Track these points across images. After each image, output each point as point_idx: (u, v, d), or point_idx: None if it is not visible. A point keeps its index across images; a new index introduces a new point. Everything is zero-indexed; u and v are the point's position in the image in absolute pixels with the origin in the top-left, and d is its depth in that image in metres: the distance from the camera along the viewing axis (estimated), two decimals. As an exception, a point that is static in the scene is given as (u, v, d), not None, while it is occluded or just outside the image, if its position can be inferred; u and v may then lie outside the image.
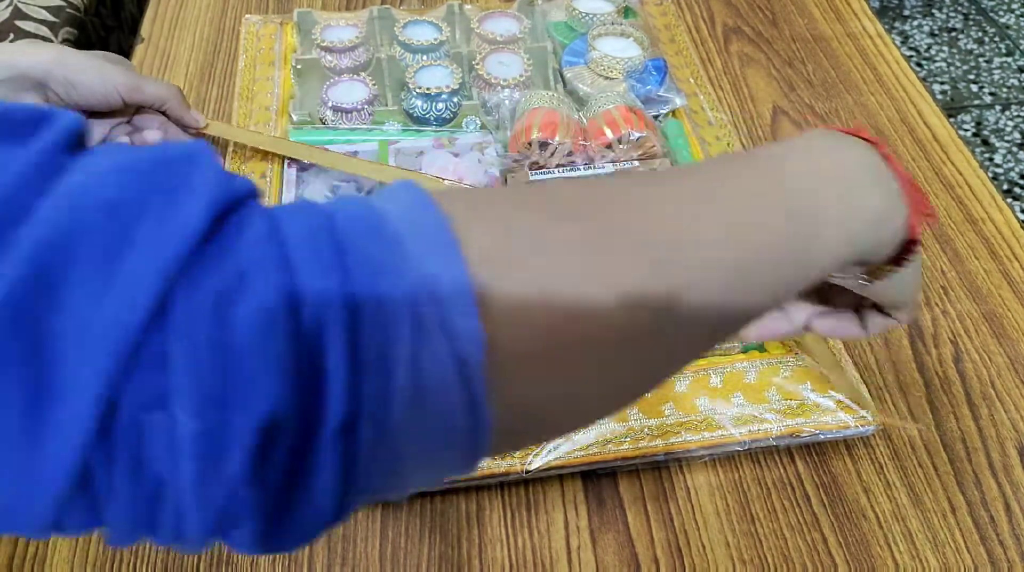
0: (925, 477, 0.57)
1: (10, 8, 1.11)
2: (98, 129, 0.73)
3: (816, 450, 0.58)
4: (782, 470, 0.57)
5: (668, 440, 0.55)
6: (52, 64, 0.66)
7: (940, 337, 0.65)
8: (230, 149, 0.76)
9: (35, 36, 1.09)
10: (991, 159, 1.89)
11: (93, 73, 0.67)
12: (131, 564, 0.53)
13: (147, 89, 0.71)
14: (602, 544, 0.53)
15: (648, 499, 0.56)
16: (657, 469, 0.57)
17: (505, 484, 0.56)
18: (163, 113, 0.74)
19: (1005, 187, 1.83)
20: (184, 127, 0.76)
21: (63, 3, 1.14)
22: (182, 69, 0.88)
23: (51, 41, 1.09)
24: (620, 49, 0.81)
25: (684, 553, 0.53)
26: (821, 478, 0.57)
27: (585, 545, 0.53)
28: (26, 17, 1.11)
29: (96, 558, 0.53)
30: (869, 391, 0.61)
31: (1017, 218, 0.73)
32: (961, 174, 0.77)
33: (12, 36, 1.08)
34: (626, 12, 0.88)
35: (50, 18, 1.12)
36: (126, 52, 0.92)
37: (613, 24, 0.82)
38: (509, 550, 0.53)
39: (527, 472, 0.54)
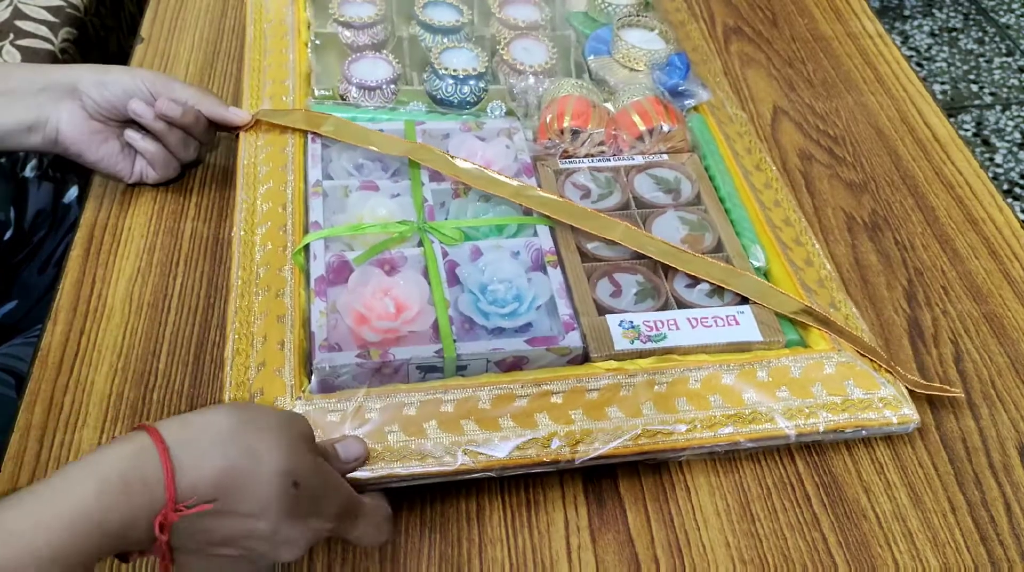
0: (925, 477, 0.57)
1: (10, 8, 1.11)
2: (121, 142, 0.72)
3: (816, 450, 0.58)
4: (782, 470, 0.57)
5: (716, 432, 0.55)
6: (83, 70, 0.69)
7: (940, 337, 0.65)
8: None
9: (35, 36, 1.09)
10: (991, 159, 1.89)
11: (121, 71, 0.70)
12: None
13: (178, 91, 0.70)
14: (602, 544, 0.53)
15: (648, 499, 0.55)
16: (658, 469, 0.57)
17: (505, 484, 0.56)
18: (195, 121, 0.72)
19: (1005, 187, 1.83)
20: (229, 128, 0.74)
21: (63, 3, 1.14)
22: (182, 69, 0.88)
23: (51, 42, 1.09)
24: (646, 41, 0.80)
25: (684, 553, 0.53)
26: (821, 478, 0.57)
27: (585, 545, 0.53)
28: (26, 17, 1.11)
29: (96, 558, 0.53)
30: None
31: (1017, 218, 0.73)
32: (961, 174, 0.77)
33: (12, 36, 1.08)
34: (646, 5, 0.87)
35: (50, 18, 1.12)
36: (126, 52, 0.92)
37: (639, 15, 0.82)
38: (509, 550, 0.53)
39: (579, 463, 0.54)
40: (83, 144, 0.69)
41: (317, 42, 0.80)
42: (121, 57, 0.93)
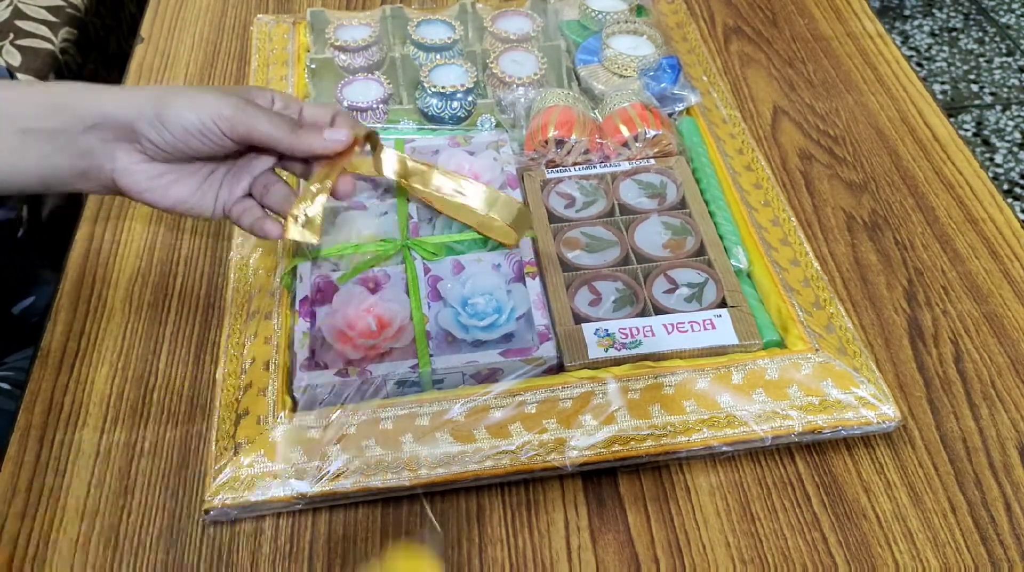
0: (925, 477, 0.57)
1: (10, 8, 1.11)
2: (198, 179, 0.57)
3: (816, 450, 0.58)
4: (782, 470, 0.57)
5: (690, 437, 0.55)
6: (145, 102, 0.53)
7: (940, 337, 0.65)
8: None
9: (35, 36, 1.09)
10: (991, 159, 1.89)
11: (184, 106, 0.53)
12: (131, 565, 0.53)
13: (261, 127, 0.54)
14: (602, 544, 0.53)
15: (648, 499, 0.56)
16: (657, 469, 0.57)
17: (505, 485, 0.56)
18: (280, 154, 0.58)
19: (1005, 187, 1.83)
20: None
21: (63, 3, 1.15)
22: (182, 69, 0.88)
23: (51, 42, 1.09)
24: (634, 47, 0.81)
25: (684, 553, 0.53)
26: (821, 478, 0.57)
27: (585, 545, 0.53)
28: (26, 17, 1.11)
29: (96, 559, 0.53)
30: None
31: (1017, 218, 0.73)
32: (961, 174, 0.77)
33: (12, 36, 1.08)
34: (638, 10, 0.88)
35: (50, 18, 1.12)
36: (126, 52, 0.92)
37: (627, 22, 0.83)
38: (509, 550, 0.53)
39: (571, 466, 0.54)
40: (148, 193, 0.56)
41: (313, 67, 0.81)
42: (121, 57, 0.93)
